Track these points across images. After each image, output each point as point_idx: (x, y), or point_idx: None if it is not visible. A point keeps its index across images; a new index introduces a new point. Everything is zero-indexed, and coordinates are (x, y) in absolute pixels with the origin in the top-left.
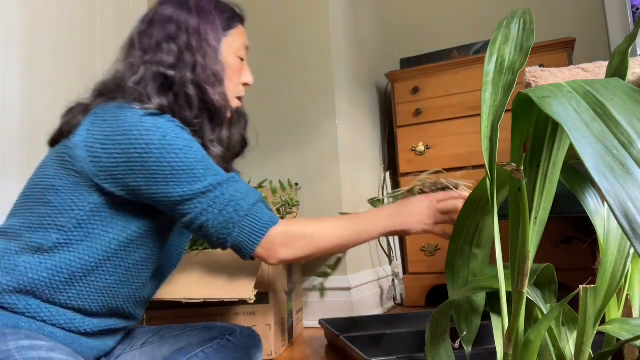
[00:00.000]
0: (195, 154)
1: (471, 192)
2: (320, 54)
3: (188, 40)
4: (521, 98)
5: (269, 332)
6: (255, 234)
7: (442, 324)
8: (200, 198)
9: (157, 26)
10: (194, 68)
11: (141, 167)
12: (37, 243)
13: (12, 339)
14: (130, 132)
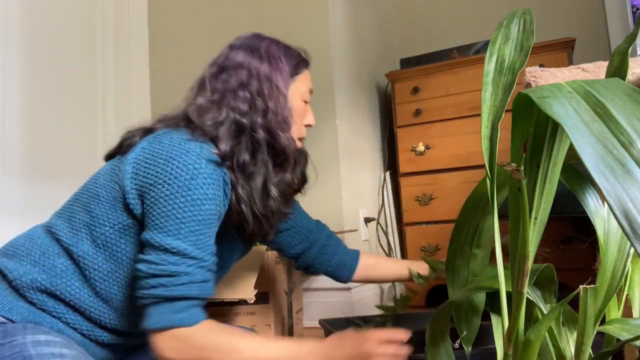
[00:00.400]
0: (199, 212)
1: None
2: (320, 54)
3: (260, 87)
4: (521, 98)
5: (269, 332)
6: (161, 320)
7: (442, 324)
8: (158, 251)
9: (230, 72)
10: (265, 114)
11: (155, 193)
12: (71, 249)
13: (30, 332)
14: (172, 160)
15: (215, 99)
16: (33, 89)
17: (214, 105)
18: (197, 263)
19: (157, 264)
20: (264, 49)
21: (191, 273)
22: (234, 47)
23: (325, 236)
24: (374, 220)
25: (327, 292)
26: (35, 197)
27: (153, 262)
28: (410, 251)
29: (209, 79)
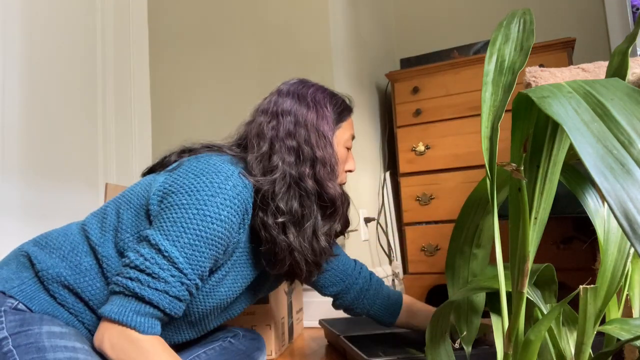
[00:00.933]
0: (205, 229)
1: None
2: (320, 54)
3: (307, 136)
4: (521, 98)
5: (269, 332)
6: (118, 313)
7: (442, 324)
8: (153, 250)
9: (279, 119)
10: (313, 163)
11: (173, 200)
12: (97, 249)
13: (46, 323)
14: (202, 175)
15: (265, 149)
16: (33, 90)
17: (264, 155)
18: (181, 277)
19: (146, 259)
20: (311, 97)
21: (170, 284)
22: (282, 93)
23: (364, 279)
24: (374, 220)
25: None
26: (34, 199)
27: (143, 255)
28: (410, 251)
29: (260, 128)
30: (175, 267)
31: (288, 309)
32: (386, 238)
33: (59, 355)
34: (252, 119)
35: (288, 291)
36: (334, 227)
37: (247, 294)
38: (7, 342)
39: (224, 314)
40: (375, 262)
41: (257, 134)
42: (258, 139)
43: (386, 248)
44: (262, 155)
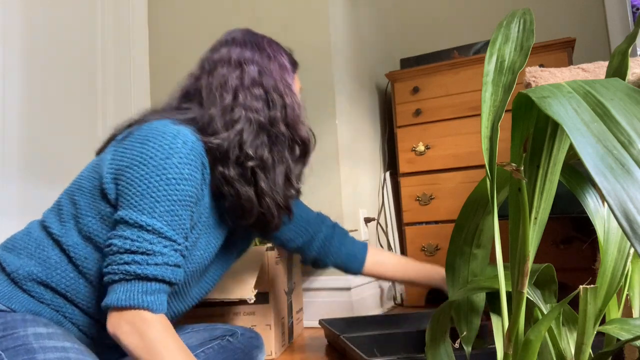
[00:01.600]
0: (174, 191)
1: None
2: (320, 54)
3: (274, 84)
4: (521, 98)
5: (269, 332)
6: (127, 298)
7: (442, 324)
8: (134, 228)
9: (239, 68)
10: (283, 109)
11: (131, 174)
12: (61, 240)
13: (31, 325)
14: (148, 142)
15: (229, 100)
16: (33, 91)
17: (226, 107)
18: (172, 245)
19: (134, 240)
20: (268, 47)
21: (166, 254)
22: (236, 42)
23: (327, 227)
24: (374, 220)
25: (327, 292)
26: (33, 198)
27: (129, 237)
28: (410, 251)
29: (218, 81)
30: (164, 237)
31: (288, 309)
32: (386, 238)
33: (49, 356)
34: (206, 71)
35: (288, 291)
36: (304, 169)
37: (221, 256)
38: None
39: (203, 282)
40: None
41: (220, 84)
42: (221, 90)
43: (386, 248)
44: (227, 106)
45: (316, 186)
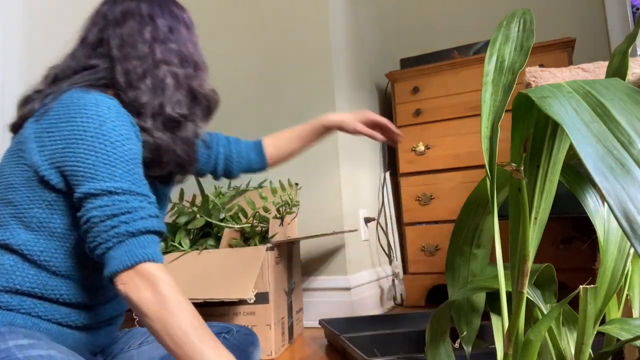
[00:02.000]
0: (123, 152)
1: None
2: (320, 54)
3: (184, 41)
4: (521, 98)
5: (269, 332)
6: (129, 258)
7: (442, 324)
8: (104, 196)
9: (156, 24)
10: (195, 66)
11: (73, 153)
12: (8, 242)
13: (10, 337)
14: (74, 120)
15: (145, 53)
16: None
17: (145, 62)
18: (146, 199)
19: (110, 205)
20: (173, 5)
21: (145, 207)
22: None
23: (223, 145)
24: (374, 220)
25: (327, 292)
26: None
27: (105, 205)
28: (410, 251)
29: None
30: (135, 194)
31: (288, 309)
32: (386, 238)
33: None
34: (112, 21)
35: (288, 291)
36: (207, 124)
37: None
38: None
39: None
40: (375, 262)
41: (133, 36)
42: (136, 43)
43: (386, 248)
44: (143, 59)
45: (316, 186)
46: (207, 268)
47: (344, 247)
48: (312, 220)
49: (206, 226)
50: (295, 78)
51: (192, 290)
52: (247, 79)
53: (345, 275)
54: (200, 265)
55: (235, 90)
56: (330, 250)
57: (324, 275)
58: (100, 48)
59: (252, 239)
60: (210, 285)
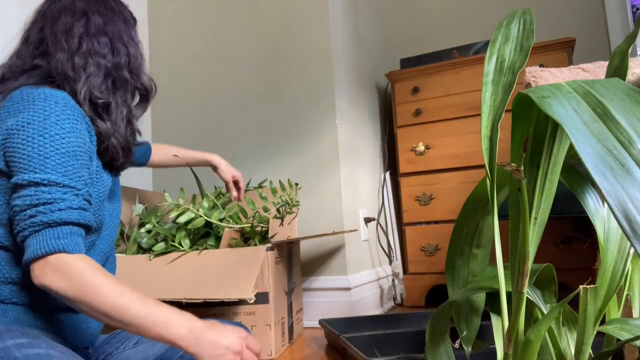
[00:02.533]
0: (61, 145)
1: None
2: (320, 54)
3: (119, 33)
4: (521, 98)
5: (269, 332)
6: (41, 247)
7: (442, 324)
8: (30, 187)
9: (83, 19)
10: (127, 57)
11: (13, 141)
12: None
13: (8, 336)
14: (22, 112)
15: (79, 49)
16: None
17: (78, 55)
18: (72, 191)
19: (32, 195)
20: (111, 1)
21: (67, 199)
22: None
23: None
24: (374, 220)
25: (327, 292)
26: None
27: (28, 195)
28: (410, 251)
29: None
30: (61, 186)
31: (288, 309)
32: (386, 238)
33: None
34: (49, 19)
35: (288, 291)
36: (143, 113)
37: (111, 202)
38: None
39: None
40: (375, 262)
41: (65, 31)
42: (67, 37)
43: (386, 248)
44: (73, 51)
45: (316, 186)
46: (207, 268)
47: (344, 247)
48: (312, 220)
49: (206, 226)
50: (295, 78)
51: (192, 290)
52: (247, 79)
53: (345, 275)
54: (200, 265)
55: (235, 90)
56: (330, 250)
57: (324, 275)
58: (41, 46)
59: (252, 239)
60: (210, 285)
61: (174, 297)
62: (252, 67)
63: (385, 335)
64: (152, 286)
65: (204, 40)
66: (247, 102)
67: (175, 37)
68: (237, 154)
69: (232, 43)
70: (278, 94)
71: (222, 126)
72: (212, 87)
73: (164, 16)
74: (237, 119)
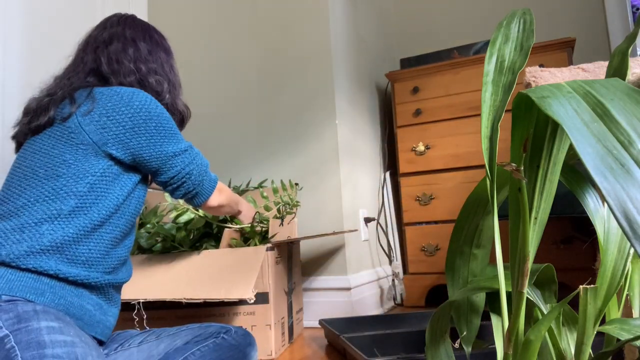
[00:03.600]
0: (173, 124)
1: None
2: (320, 54)
3: (161, 62)
4: (521, 98)
5: (269, 332)
6: (214, 182)
7: (442, 324)
8: (185, 154)
9: (130, 43)
10: (168, 83)
11: (145, 130)
12: (55, 210)
13: (43, 317)
14: (133, 102)
15: (129, 68)
16: (33, 91)
17: (128, 76)
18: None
19: (194, 159)
20: (154, 32)
21: (198, 153)
22: (127, 24)
23: None
24: (374, 220)
25: (327, 292)
26: None
27: (191, 160)
28: (410, 251)
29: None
30: (190, 147)
31: (288, 309)
32: (386, 238)
33: (57, 351)
34: (101, 45)
35: (288, 291)
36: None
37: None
38: (8, 339)
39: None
40: (375, 262)
41: (117, 55)
42: (122, 59)
43: (386, 248)
44: (126, 73)
45: (316, 186)
46: (207, 268)
47: (344, 247)
48: (312, 220)
49: (206, 226)
50: (295, 78)
51: (192, 290)
52: (247, 79)
53: (345, 275)
54: (200, 266)
55: (235, 90)
56: (330, 250)
57: (324, 275)
58: (94, 67)
59: (252, 239)
60: (210, 285)
61: (174, 297)
62: (252, 67)
63: (385, 335)
64: (152, 286)
65: (204, 40)
66: (247, 102)
67: (175, 37)
68: (237, 154)
69: (232, 43)
70: (278, 94)
71: (222, 126)
72: (211, 87)
73: (163, 16)
74: (237, 119)
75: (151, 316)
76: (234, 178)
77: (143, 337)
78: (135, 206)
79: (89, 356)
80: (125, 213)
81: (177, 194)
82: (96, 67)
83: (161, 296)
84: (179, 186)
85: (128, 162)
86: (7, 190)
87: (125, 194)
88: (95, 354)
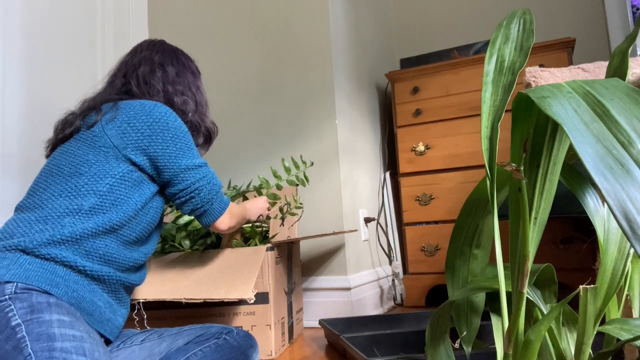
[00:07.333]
0: (191, 140)
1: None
2: (320, 54)
3: (188, 84)
4: (521, 98)
5: (269, 332)
6: (225, 205)
7: (442, 324)
8: (198, 169)
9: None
10: (195, 103)
11: (162, 139)
12: (76, 205)
13: (55, 310)
14: (153, 113)
15: (157, 89)
16: (33, 91)
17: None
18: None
19: (205, 175)
20: (181, 56)
21: (213, 172)
22: (156, 48)
23: None
24: (374, 220)
25: (327, 292)
26: None
27: (203, 176)
28: (410, 251)
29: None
30: (204, 164)
31: (288, 309)
32: (386, 238)
33: (66, 345)
34: (131, 69)
35: (288, 291)
36: (206, 152)
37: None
38: (20, 328)
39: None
40: (375, 262)
41: (148, 76)
42: (151, 81)
43: (386, 248)
44: (154, 95)
45: (316, 186)
46: (207, 268)
47: (344, 247)
48: (312, 220)
49: None
50: (295, 78)
51: (192, 290)
52: (246, 79)
53: (345, 275)
54: (200, 266)
55: (235, 90)
56: (330, 250)
57: (324, 275)
58: (124, 88)
59: (252, 239)
60: (210, 285)
61: (174, 297)
62: (252, 67)
63: (385, 335)
64: (152, 286)
65: (203, 40)
66: (247, 102)
67: (175, 37)
68: (237, 154)
69: (232, 43)
70: (278, 94)
71: (222, 126)
72: (211, 87)
73: (163, 16)
74: (237, 119)
75: (151, 316)
76: (234, 178)
77: (145, 336)
78: (153, 216)
79: (96, 352)
80: (142, 220)
81: (185, 208)
82: (126, 90)
83: (161, 296)
84: (186, 200)
85: (149, 171)
86: (35, 186)
87: (144, 201)
88: (102, 350)
